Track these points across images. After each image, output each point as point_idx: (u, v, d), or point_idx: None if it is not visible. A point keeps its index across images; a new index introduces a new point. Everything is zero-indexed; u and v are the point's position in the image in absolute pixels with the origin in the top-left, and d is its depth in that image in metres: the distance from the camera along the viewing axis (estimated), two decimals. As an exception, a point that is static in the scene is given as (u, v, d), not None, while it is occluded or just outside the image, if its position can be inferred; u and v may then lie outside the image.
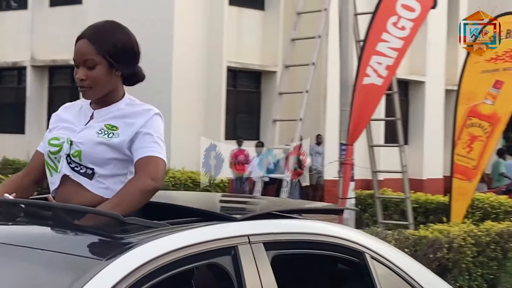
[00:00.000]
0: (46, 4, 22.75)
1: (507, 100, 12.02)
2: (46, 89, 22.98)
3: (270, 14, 21.99)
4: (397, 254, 3.99)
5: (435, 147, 24.54)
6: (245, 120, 22.42)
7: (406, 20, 10.82)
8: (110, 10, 20.72)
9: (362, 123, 11.28)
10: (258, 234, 3.31)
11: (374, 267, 3.66)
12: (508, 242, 11.10)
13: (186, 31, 20.14)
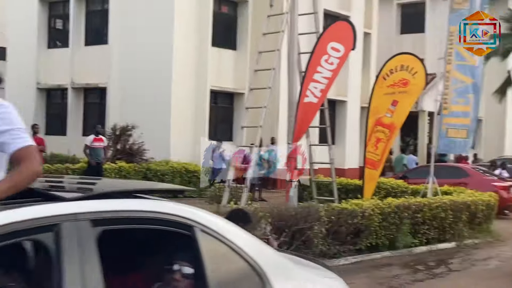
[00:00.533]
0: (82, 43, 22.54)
1: (400, 114, 12.15)
2: (82, 104, 22.79)
3: (240, 52, 21.95)
4: (228, 227, 3.21)
5: (353, 146, 24.67)
6: (222, 127, 22.36)
7: (334, 58, 10.87)
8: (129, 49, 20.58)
9: (303, 129, 11.31)
10: (86, 212, 2.67)
11: (202, 239, 2.97)
12: (403, 212, 11.17)
13: (182, 63, 20.05)
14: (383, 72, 12.36)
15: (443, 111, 14.53)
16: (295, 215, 9.44)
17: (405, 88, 11.96)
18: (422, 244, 11.60)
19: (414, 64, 12.09)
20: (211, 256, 3.02)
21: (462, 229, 12.44)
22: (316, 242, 9.59)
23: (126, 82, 20.54)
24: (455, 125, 14.31)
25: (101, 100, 22.04)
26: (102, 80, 21.37)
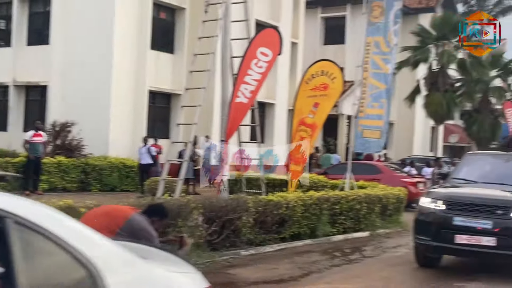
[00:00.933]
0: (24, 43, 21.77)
1: (321, 114, 12.37)
2: (23, 101, 22.01)
3: (178, 56, 21.75)
4: (51, 217, 2.70)
5: (280, 144, 24.89)
6: (160, 125, 22.10)
7: (263, 62, 10.94)
8: (70, 50, 20.08)
9: (234, 127, 11.32)
10: None
11: (16, 232, 2.44)
12: (323, 204, 11.35)
13: (122, 65, 19.68)
14: (306, 77, 12.56)
15: (360, 114, 14.91)
16: (226, 206, 9.45)
17: (325, 91, 12.19)
18: (340, 233, 11.83)
19: (333, 70, 12.35)
20: (27, 252, 2.49)
21: (375, 219, 12.78)
22: (244, 231, 9.64)
23: (67, 81, 20.03)
24: (369, 126, 14.71)
25: (42, 98, 21.36)
26: (44, 78, 20.72)
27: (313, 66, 12.59)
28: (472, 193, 8.55)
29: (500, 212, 8.02)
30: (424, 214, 8.63)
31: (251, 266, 8.78)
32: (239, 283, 7.67)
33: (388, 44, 14.83)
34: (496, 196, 8.42)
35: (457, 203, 8.27)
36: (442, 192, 8.79)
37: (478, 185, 9.02)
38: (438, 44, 26.18)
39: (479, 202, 8.19)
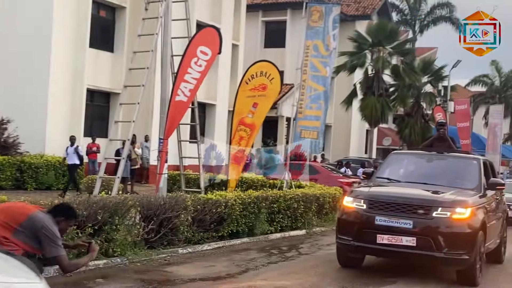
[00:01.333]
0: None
1: (260, 114, 12.32)
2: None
3: (117, 54, 21.27)
4: None
5: (221, 144, 24.79)
6: (98, 124, 21.56)
7: (203, 60, 10.79)
8: (7, 47, 19.27)
9: (174, 126, 11.13)
10: None
11: None
12: (261, 202, 11.30)
13: (60, 63, 19.06)
14: (246, 77, 12.50)
15: (299, 115, 15.00)
16: (164, 205, 9.26)
17: (264, 92, 12.16)
18: (277, 231, 11.83)
19: (271, 71, 12.33)
20: None
21: (311, 218, 12.85)
22: (182, 230, 9.48)
23: (4, 77, 19.22)
24: (308, 127, 14.83)
25: None
26: (-22, 74, 19.84)
27: (253, 67, 12.56)
28: (394, 192, 8.35)
29: (421, 212, 7.79)
30: (346, 214, 8.38)
31: (189, 264, 8.62)
32: (176, 280, 7.50)
33: (327, 47, 14.98)
34: (417, 195, 8.25)
35: (379, 203, 8.03)
36: (364, 191, 8.54)
37: (401, 185, 8.84)
38: (373, 50, 26.73)
39: (400, 201, 7.95)
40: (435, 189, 8.49)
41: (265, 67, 12.39)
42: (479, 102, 52.96)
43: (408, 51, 27.99)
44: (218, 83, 24.91)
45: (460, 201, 7.95)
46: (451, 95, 36.52)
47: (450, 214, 7.71)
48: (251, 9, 30.72)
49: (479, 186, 8.83)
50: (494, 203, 9.36)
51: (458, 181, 8.89)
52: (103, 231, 8.11)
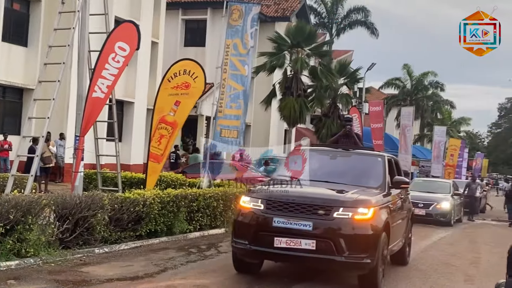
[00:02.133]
0: None
1: (182, 113, 12.22)
2: None
3: (32, 49, 20.46)
4: None
5: (139, 144, 24.44)
6: (10, 120, 20.67)
7: (120, 56, 10.57)
8: None
9: (90, 123, 10.84)
10: None
11: None
12: (181, 201, 11.24)
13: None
14: (168, 75, 12.36)
15: (219, 114, 15.03)
16: (79, 204, 9.01)
17: (187, 90, 12.08)
18: (196, 230, 11.80)
19: (195, 69, 12.28)
20: None
21: (231, 216, 12.88)
22: (99, 229, 9.26)
23: None
24: (228, 126, 14.89)
25: None
26: None
27: (176, 65, 12.43)
28: (294, 192, 7.77)
29: (321, 212, 7.24)
30: (242, 215, 7.71)
31: (105, 264, 8.44)
32: (93, 281, 7.33)
33: (245, 46, 15.10)
34: (318, 194, 7.73)
35: (277, 203, 7.44)
36: (263, 190, 7.94)
37: (303, 183, 8.27)
38: (292, 51, 27.15)
39: (300, 201, 7.38)
40: (338, 188, 8.04)
41: (188, 66, 12.31)
42: (392, 104, 55.24)
43: (326, 53, 28.65)
44: (137, 81, 24.53)
45: (363, 200, 7.49)
46: (365, 97, 37.93)
47: (351, 214, 7.22)
48: (171, 7, 30.44)
49: (383, 185, 8.46)
50: (399, 202, 9.03)
51: (362, 179, 8.52)
52: (15, 231, 7.80)
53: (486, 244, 15.53)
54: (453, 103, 60.25)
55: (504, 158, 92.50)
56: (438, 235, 16.53)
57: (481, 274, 10.36)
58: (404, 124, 31.08)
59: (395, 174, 9.28)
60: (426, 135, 56.59)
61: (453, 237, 16.51)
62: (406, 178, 9.32)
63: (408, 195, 10.30)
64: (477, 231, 19.22)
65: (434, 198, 19.78)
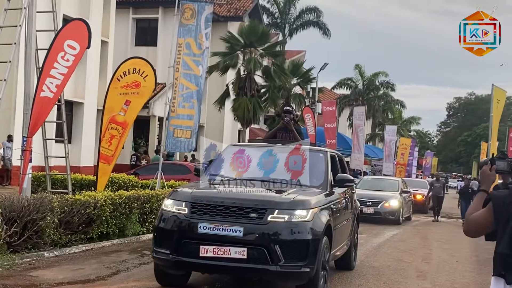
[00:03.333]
0: None
1: (132, 112, 12.09)
2: None
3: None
4: None
5: (89, 145, 24.01)
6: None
7: (70, 55, 10.38)
8: None
9: (39, 123, 10.59)
10: None
11: None
12: (133, 203, 11.12)
13: None
14: (117, 74, 12.22)
15: (171, 114, 14.92)
16: (28, 206, 8.79)
17: (137, 89, 11.97)
18: (149, 231, 11.67)
19: (145, 67, 12.18)
20: None
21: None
22: (48, 232, 9.06)
23: None
24: (180, 126, 14.79)
25: None
26: None
27: (125, 63, 12.30)
28: (223, 193, 7.03)
29: (254, 216, 6.50)
30: (164, 221, 6.84)
31: (56, 267, 8.26)
32: (42, 285, 7.16)
33: (200, 46, 15.04)
34: (250, 195, 6.96)
35: (204, 206, 6.64)
36: (187, 192, 6.99)
37: (234, 183, 7.54)
38: (245, 51, 27.23)
39: (229, 203, 6.60)
40: (274, 187, 7.42)
41: (138, 64, 12.20)
42: (344, 104, 56.14)
43: (279, 53, 28.84)
44: (86, 81, 24.11)
45: (301, 201, 6.79)
46: (318, 97, 38.39)
47: (288, 217, 6.51)
48: (121, 5, 30.03)
49: (325, 183, 7.82)
50: (343, 201, 8.47)
51: (301, 178, 7.80)
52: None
53: (437, 240, 15.94)
54: (404, 103, 61.51)
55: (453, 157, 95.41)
56: (390, 232, 16.86)
57: (433, 270, 10.62)
58: (357, 123, 31.62)
59: (339, 171, 8.73)
60: (377, 135, 57.70)
61: (405, 234, 16.88)
62: (350, 175, 8.72)
63: (354, 194, 9.80)
64: (428, 228, 19.70)
65: (383, 196, 19.76)
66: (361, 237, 13.43)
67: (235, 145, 9.20)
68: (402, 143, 41.27)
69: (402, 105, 61.48)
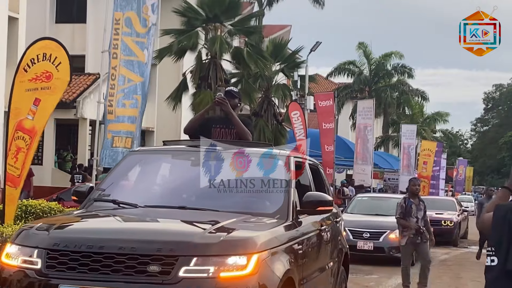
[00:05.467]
0: None
1: (42, 116, 11.84)
2: None
3: None
4: None
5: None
6: None
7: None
8: None
9: None
10: None
11: None
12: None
13: None
14: (23, 63, 11.90)
15: (108, 116, 14.77)
16: None
17: (48, 82, 11.65)
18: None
19: (58, 52, 11.78)
20: None
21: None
22: None
23: None
24: (120, 132, 14.67)
25: None
26: None
27: (33, 47, 11.94)
28: (104, 229, 6.12)
29: (155, 270, 5.39)
30: (5, 281, 5.72)
31: None
32: None
33: (144, 22, 14.97)
34: (152, 233, 5.94)
35: (69, 255, 5.55)
36: (42, 233, 5.87)
37: (134, 212, 6.58)
38: (208, 27, 27.20)
39: (113, 249, 5.50)
40: (196, 217, 6.35)
41: (48, 48, 11.85)
42: (345, 96, 56.43)
43: (254, 29, 28.85)
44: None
45: (237, 241, 5.67)
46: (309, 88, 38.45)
47: (214, 270, 5.41)
48: (37, -32, 29.88)
49: (285, 209, 6.66)
50: (317, 236, 7.41)
51: (247, 201, 6.89)
52: None
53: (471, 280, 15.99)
54: (426, 94, 61.85)
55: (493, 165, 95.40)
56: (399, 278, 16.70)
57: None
58: (362, 123, 31.81)
59: (313, 189, 7.65)
60: (391, 137, 58.14)
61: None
62: (327, 196, 7.30)
63: (338, 223, 8.87)
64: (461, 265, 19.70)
65: (386, 224, 18.03)
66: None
67: (140, 153, 8.29)
68: (424, 148, 41.60)
69: (424, 97, 61.95)
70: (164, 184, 7.41)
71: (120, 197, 6.80)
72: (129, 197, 6.86)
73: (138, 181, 7.44)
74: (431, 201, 26.69)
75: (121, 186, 7.24)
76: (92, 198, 6.94)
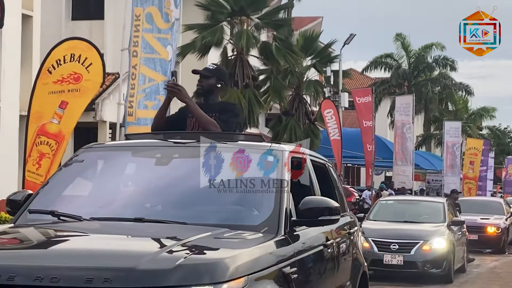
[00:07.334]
0: None
1: (70, 119, 12.10)
2: None
3: None
4: None
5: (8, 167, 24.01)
6: None
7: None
8: None
9: None
10: None
11: None
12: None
13: None
14: (47, 64, 12.20)
15: (128, 118, 14.92)
16: None
17: (77, 85, 11.94)
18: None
19: (88, 53, 12.15)
20: None
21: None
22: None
23: None
24: (142, 136, 14.81)
25: None
26: None
27: (59, 48, 12.29)
28: (25, 254, 4.84)
29: None
30: None
31: None
32: None
33: (167, 17, 15.11)
34: (90, 255, 4.69)
35: None
36: None
37: (79, 227, 5.56)
38: (234, 21, 27.32)
39: (28, 277, 4.32)
40: (155, 233, 5.38)
41: (77, 48, 12.19)
42: (382, 92, 56.29)
43: (283, 22, 28.88)
44: (1, 74, 24.18)
45: (201, 265, 4.51)
46: (343, 84, 38.39)
47: None
48: (50, -38, 30.24)
49: (275, 218, 5.55)
50: (319, 255, 6.27)
51: (225, 209, 5.85)
52: None
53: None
54: (470, 88, 61.58)
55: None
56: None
57: None
58: (401, 120, 31.68)
59: (316, 193, 6.53)
60: (433, 135, 57.90)
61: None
62: (332, 201, 5.95)
63: (353, 235, 7.80)
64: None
65: (418, 233, 16.73)
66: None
67: (93, 149, 6.75)
68: (470, 146, 41.39)
69: (469, 91, 61.68)
70: (121, 189, 6.24)
71: (63, 207, 5.74)
72: (74, 207, 5.83)
73: (89, 186, 6.32)
74: (476, 203, 26.44)
75: (67, 192, 6.13)
76: (27, 209, 5.80)
